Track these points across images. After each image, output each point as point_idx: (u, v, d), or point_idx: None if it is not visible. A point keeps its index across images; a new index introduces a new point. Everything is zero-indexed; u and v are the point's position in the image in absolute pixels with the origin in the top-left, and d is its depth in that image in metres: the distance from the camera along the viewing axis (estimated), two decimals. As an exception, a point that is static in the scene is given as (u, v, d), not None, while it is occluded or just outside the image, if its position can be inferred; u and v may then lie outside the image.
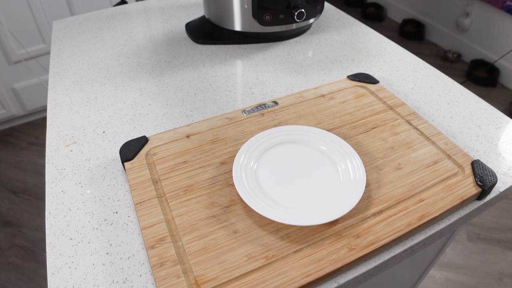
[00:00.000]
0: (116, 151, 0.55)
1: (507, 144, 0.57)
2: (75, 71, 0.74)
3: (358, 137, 0.54)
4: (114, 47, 0.81)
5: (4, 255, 1.42)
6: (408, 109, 0.58)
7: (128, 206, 0.48)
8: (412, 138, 0.54)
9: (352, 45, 0.82)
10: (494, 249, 1.43)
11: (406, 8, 2.79)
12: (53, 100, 0.66)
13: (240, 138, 0.54)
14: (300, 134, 0.52)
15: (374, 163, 0.50)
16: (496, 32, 2.21)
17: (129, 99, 0.66)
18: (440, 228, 0.45)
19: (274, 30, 0.78)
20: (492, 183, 0.47)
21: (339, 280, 0.40)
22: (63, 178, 0.52)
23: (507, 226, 1.51)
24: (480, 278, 1.33)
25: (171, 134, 0.54)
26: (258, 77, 0.72)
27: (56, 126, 0.60)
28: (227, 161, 0.50)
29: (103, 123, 0.61)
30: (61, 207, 0.48)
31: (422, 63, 0.75)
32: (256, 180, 0.46)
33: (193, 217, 0.43)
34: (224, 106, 0.64)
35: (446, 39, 2.55)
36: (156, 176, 0.48)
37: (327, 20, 0.92)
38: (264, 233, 0.41)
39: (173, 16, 0.94)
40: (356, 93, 0.62)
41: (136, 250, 0.43)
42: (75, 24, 0.91)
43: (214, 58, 0.78)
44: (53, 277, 0.40)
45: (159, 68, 0.74)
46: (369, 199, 0.45)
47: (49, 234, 0.44)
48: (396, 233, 0.41)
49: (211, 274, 0.38)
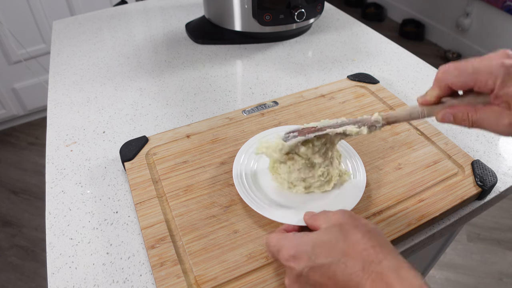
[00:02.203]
0: (116, 151, 0.55)
1: (507, 144, 0.57)
2: (75, 71, 0.74)
3: (358, 137, 0.54)
4: (114, 47, 0.81)
5: (4, 255, 1.42)
6: (408, 109, 0.58)
7: (128, 206, 0.48)
8: (412, 138, 0.54)
9: (352, 45, 0.82)
10: (494, 249, 1.43)
11: (406, 8, 2.79)
12: (53, 100, 0.66)
13: (240, 138, 0.54)
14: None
15: (374, 163, 0.50)
16: (496, 32, 2.21)
17: (129, 99, 0.66)
18: (440, 228, 0.45)
19: (274, 30, 0.78)
20: (492, 183, 0.47)
21: (339, 280, 0.40)
22: (63, 178, 0.52)
23: (507, 226, 1.51)
24: (480, 278, 1.33)
25: (171, 134, 0.54)
26: (258, 77, 0.72)
27: (56, 126, 0.60)
28: (227, 161, 0.50)
29: (103, 123, 0.61)
30: (61, 207, 0.48)
31: (422, 63, 0.75)
32: (256, 180, 0.46)
33: (193, 217, 0.43)
34: (224, 106, 0.64)
35: (446, 39, 2.55)
36: (156, 176, 0.48)
37: (327, 20, 0.92)
38: (264, 233, 0.41)
39: (173, 16, 0.94)
40: (356, 93, 0.62)
41: (136, 250, 0.43)
42: (75, 24, 0.91)
43: (214, 58, 0.78)
44: (53, 277, 0.40)
45: (159, 68, 0.74)
46: (369, 199, 0.45)
47: (49, 234, 0.44)
48: (396, 233, 0.41)
49: (211, 274, 0.38)
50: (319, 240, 0.32)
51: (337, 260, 0.30)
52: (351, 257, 0.30)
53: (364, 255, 0.29)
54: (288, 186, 0.44)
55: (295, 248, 0.32)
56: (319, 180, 0.43)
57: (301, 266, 0.31)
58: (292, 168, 0.43)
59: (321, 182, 0.44)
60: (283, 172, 0.43)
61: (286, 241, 0.33)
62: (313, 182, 0.44)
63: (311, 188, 0.44)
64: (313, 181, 0.43)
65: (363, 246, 0.30)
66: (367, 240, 0.31)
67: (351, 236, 0.31)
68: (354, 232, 0.32)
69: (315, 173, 0.43)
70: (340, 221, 0.33)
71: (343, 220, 0.33)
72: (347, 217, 0.34)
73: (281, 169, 0.44)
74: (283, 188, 0.45)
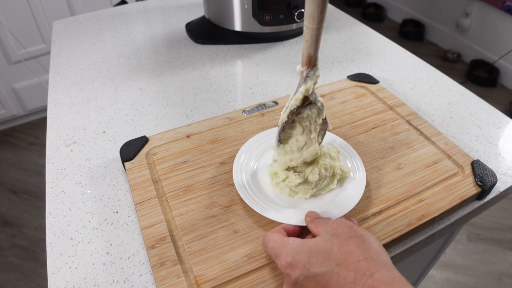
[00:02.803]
0: (116, 151, 0.55)
1: (507, 144, 0.57)
2: (75, 71, 0.74)
3: (358, 137, 0.54)
4: (114, 47, 0.81)
5: (4, 255, 1.42)
6: (408, 109, 0.58)
7: (128, 206, 0.48)
8: (412, 138, 0.54)
9: (352, 45, 0.82)
10: (494, 249, 1.43)
11: (406, 8, 2.79)
12: (53, 100, 0.66)
13: (240, 138, 0.54)
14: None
15: (374, 163, 0.50)
16: (496, 32, 2.21)
17: (129, 99, 0.66)
18: (440, 228, 0.45)
19: (274, 30, 0.78)
20: (492, 183, 0.47)
21: (339, 280, 0.40)
22: (63, 178, 0.52)
23: (507, 226, 1.51)
24: (480, 278, 1.33)
25: (171, 134, 0.54)
26: (258, 77, 0.72)
27: (56, 126, 0.60)
28: (227, 161, 0.50)
29: (103, 123, 0.61)
30: (61, 207, 0.48)
31: (422, 63, 0.75)
32: (256, 180, 0.46)
33: (193, 217, 0.43)
34: (224, 106, 0.64)
35: (446, 39, 2.55)
36: (156, 176, 0.48)
37: (327, 20, 0.92)
38: (264, 233, 0.41)
39: (173, 16, 0.94)
40: (356, 93, 0.62)
41: (137, 250, 0.43)
42: (75, 24, 0.91)
43: (214, 58, 0.78)
44: (53, 277, 0.40)
45: (159, 68, 0.74)
46: (369, 199, 0.45)
47: (49, 234, 0.45)
48: (396, 233, 0.41)
49: (211, 274, 0.38)
50: (315, 248, 0.32)
51: (330, 270, 0.30)
52: (344, 268, 0.30)
53: (357, 267, 0.29)
54: (289, 194, 0.44)
55: (292, 256, 0.32)
56: (324, 178, 0.43)
57: (297, 274, 0.31)
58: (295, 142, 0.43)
59: (327, 181, 0.44)
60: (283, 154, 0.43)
61: (284, 248, 0.34)
62: (319, 183, 0.44)
63: (315, 190, 0.44)
64: (316, 181, 0.43)
65: (356, 257, 0.30)
66: (361, 252, 0.31)
67: (346, 246, 0.31)
68: (349, 243, 0.32)
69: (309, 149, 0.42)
70: (339, 230, 0.33)
71: (341, 230, 0.33)
72: (345, 227, 0.34)
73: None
74: (283, 194, 0.45)
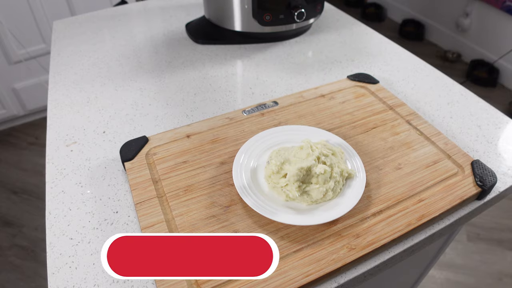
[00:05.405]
0: (116, 151, 0.55)
1: (507, 144, 0.57)
2: (75, 71, 0.74)
3: (358, 137, 0.54)
4: (114, 47, 0.81)
5: (4, 255, 1.42)
6: (408, 109, 0.58)
7: (128, 206, 0.48)
8: (412, 138, 0.54)
9: (352, 45, 0.82)
10: (494, 249, 1.43)
11: (406, 8, 2.79)
12: (53, 100, 0.66)
13: (240, 138, 0.54)
14: (300, 134, 0.52)
15: (374, 163, 0.50)
16: (496, 32, 2.21)
17: (130, 99, 0.66)
18: (440, 228, 0.45)
19: (274, 30, 0.78)
20: (492, 183, 0.47)
21: (339, 280, 0.40)
22: (63, 178, 0.52)
23: (507, 226, 1.51)
24: (480, 278, 1.33)
25: (171, 134, 0.54)
26: (258, 77, 0.72)
27: (56, 126, 0.60)
28: (227, 161, 0.50)
29: (103, 123, 0.61)
30: (61, 207, 0.48)
31: (422, 63, 0.76)
32: (256, 180, 0.46)
33: (193, 217, 0.43)
34: (224, 106, 0.64)
35: (446, 39, 2.55)
36: (156, 176, 0.48)
37: (327, 20, 0.92)
38: (264, 233, 0.41)
39: (173, 16, 0.94)
40: (356, 93, 0.62)
41: (136, 250, 0.42)
42: (75, 24, 0.91)
43: (214, 58, 0.78)
44: (53, 277, 0.40)
45: (159, 68, 0.74)
46: (369, 199, 0.45)
47: (49, 234, 0.45)
48: (396, 233, 0.42)
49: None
50: None
51: None
52: None
53: None
54: (286, 199, 0.44)
55: None
56: (327, 197, 0.43)
57: None
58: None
59: (329, 196, 0.44)
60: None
61: None
62: (319, 200, 0.44)
63: (313, 203, 0.44)
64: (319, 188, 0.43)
65: None
66: None
67: None
68: None
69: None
70: None
71: None
72: None
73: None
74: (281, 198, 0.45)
